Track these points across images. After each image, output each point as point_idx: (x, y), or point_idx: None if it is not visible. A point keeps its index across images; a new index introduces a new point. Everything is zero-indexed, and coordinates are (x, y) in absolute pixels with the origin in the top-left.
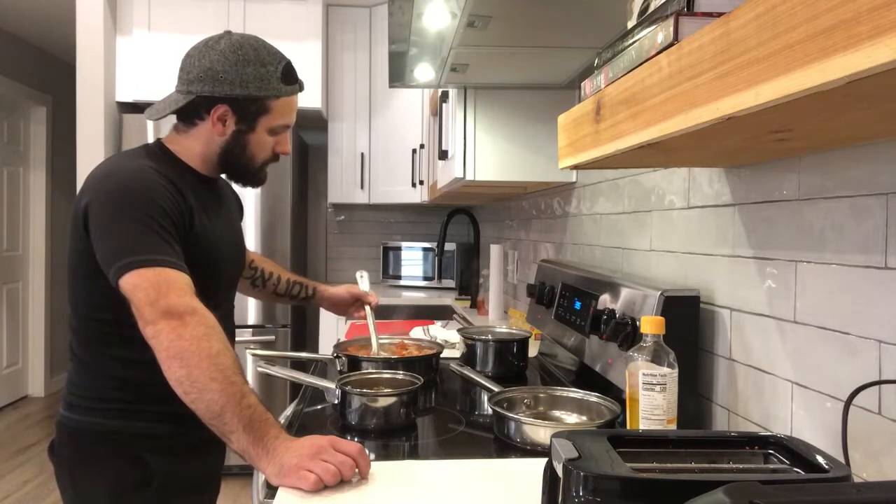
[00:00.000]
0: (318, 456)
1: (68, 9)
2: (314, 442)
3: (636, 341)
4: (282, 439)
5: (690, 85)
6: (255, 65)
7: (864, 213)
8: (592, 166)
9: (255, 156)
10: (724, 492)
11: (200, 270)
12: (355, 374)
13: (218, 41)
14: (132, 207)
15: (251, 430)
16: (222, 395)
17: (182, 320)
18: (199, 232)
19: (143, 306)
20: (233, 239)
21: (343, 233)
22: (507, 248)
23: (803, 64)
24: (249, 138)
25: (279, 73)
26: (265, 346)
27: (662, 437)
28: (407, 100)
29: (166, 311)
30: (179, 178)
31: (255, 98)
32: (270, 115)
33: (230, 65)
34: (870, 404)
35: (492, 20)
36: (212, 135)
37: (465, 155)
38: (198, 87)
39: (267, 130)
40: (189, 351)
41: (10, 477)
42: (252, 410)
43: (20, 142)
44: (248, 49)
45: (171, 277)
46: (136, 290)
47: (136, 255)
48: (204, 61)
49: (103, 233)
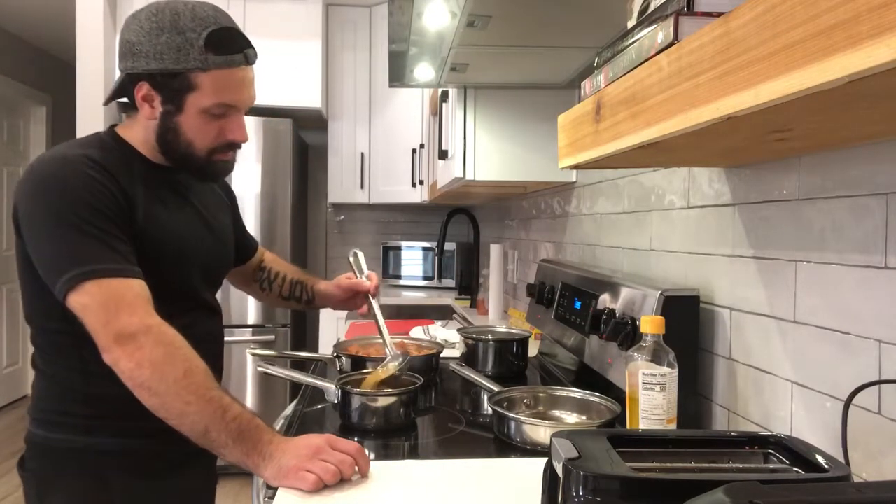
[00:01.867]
0: (316, 456)
1: (68, 9)
2: (311, 442)
3: (636, 341)
4: (276, 442)
5: (690, 85)
6: (169, 32)
7: (863, 213)
8: (592, 166)
9: (192, 142)
10: (723, 492)
11: (156, 268)
12: (355, 374)
13: (143, 9)
14: (61, 209)
15: (242, 441)
16: (202, 416)
17: (136, 344)
18: (147, 225)
19: (95, 331)
20: (205, 233)
21: (343, 233)
22: (507, 248)
23: (803, 64)
24: (179, 121)
25: (201, 41)
26: (265, 346)
27: (662, 436)
28: (407, 100)
29: (118, 335)
30: (124, 167)
31: (172, 72)
32: (199, 92)
33: (144, 34)
34: (870, 404)
35: (492, 20)
36: (145, 118)
37: (465, 155)
38: (122, 63)
39: (200, 111)
40: (153, 379)
41: (10, 476)
42: (239, 422)
43: (20, 142)
44: (165, 14)
45: (118, 292)
46: (85, 311)
47: (78, 266)
48: (126, 34)
49: (37, 241)
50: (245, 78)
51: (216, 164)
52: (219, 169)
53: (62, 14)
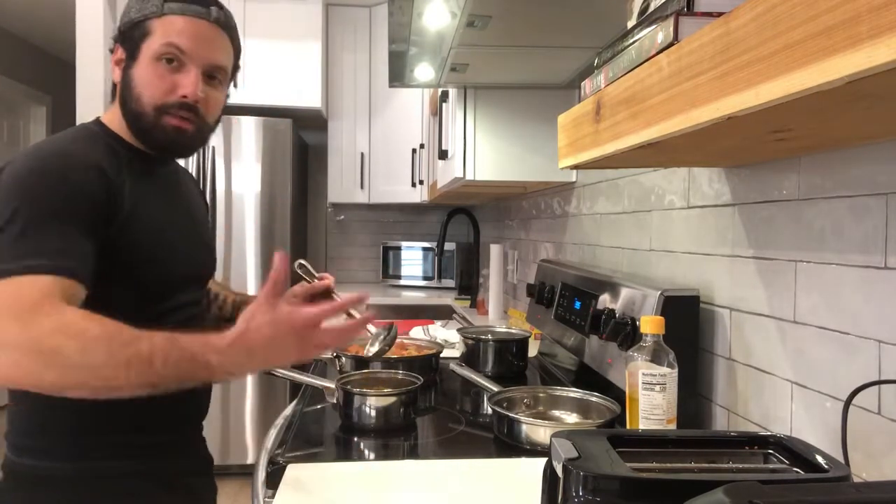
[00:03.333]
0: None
1: (68, 9)
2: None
3: (636, 341)
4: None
5: (690, 85)
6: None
7: (863, 213)
8: (592, 166)
9: (141, 95)
10: (723, 492)
11: (140, 262)
12: (355, 374)
13: None
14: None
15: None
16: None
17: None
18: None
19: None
20: (192, 232)
21: (343, 233)
22: (507, 248)
23: (803, 64)
24: (133, 73)
25: None
26: None
27: (662, 436)
28: (407, 100)
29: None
30: (111, 157)
31: (135, 22)
32: (151, 37)
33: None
34: (869, 404)
35: (492, 20)
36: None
37: (464, 155)
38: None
39: (151, 58)
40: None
41: None
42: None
43: (20, 142)
44: None
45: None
46: None
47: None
48: None
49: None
50: (201, 31)
51: (166, 128)
52: (169, 135)
53: (62, 14)
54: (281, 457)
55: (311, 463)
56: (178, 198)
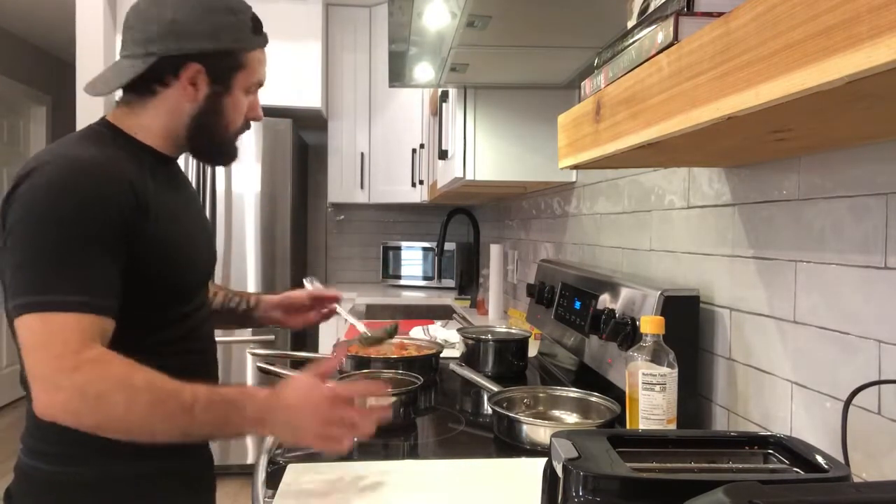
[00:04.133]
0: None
1: (68, 9)
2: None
3: (636, 341)
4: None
5: (690, 85)
6: (224, 13)
7: (863, 213)
8: (592, 166)
9: (230, 123)
10: (723, 492)
11: (167, 275)
12: (355, 374)
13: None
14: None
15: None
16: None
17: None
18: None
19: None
20: (202, 225)
21: (343, 233)
22: (507, 248)
23: (803, 64)
24: (226, 102)
25: (249, 21)
26: (265, 346)
27: (662, 436)
28: (407, 100)
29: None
30: (136, 163)
31: (229, 52)
32: (246, 71)
33: (197, 14)
34: (869, 404)
35: (492, 20)
36: (180, 102)
37: (464, 155)
38: (160, 45)
39: (244, 91)
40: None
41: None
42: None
43: (20, 142)
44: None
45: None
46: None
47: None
48: (165, 12)
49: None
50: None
51: (235, 146)
52: (235, 152)
53: (62, 14)
54: (281, 457)
55: (311, 463)
56: (189, 197)
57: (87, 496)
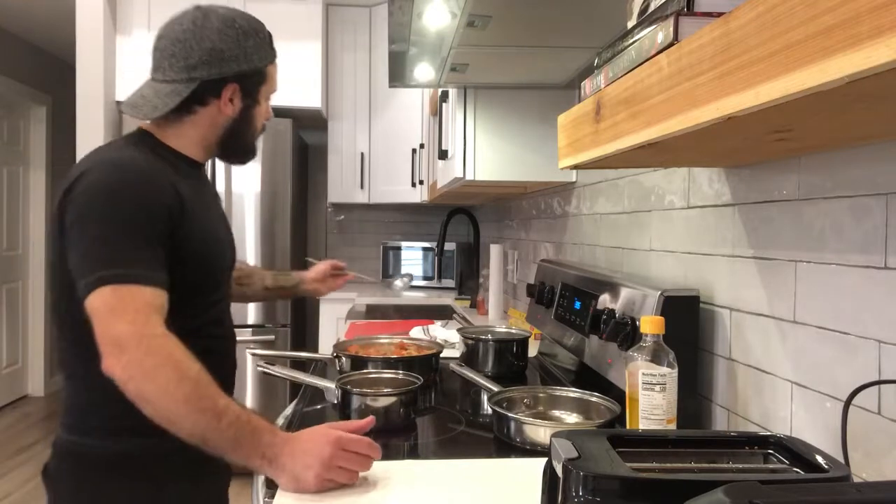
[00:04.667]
0: (332, 463)
1: (68, 9)
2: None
3: (636, 341)
4: (279, 445)
5: (690, 85)
6: (252, 36)
7: (863, 214)
8: (592, 166)
9: (257, 129)
10: (723, 492)
11: (199, 267)
12: (355, 374)
13: (205, 19)
14: (115, 209)
15: (240, 446)
16: (197, 424)
17: (127, 354)
18: (193, 225)
19: (98, 337)
20: (225, 226)
21: (343, 233)
22: (507, 248)
23: (803, 64)
24: (254, 112)
25: (268, 38)
26: (265, 346)
27: (662, 436)
28: (407, 100)
29: (112, 342)
30: (173, 169)
31: (258, 70)
32: (268, 83)
33: (232, 41)
34: (869, 404)
35: (492, 20)
36: (217, 117)
37: (465, 155)
38: (203, 71)
39: (265, 99)
40: (146, 392)
41: (11, 476)
42: (235, 427)
43: (20, 142)
44: (241, 22)
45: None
46: (94, 315)
47: (105, 268)
48: (204, 43)
49: (78, 237)
50: None
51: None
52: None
53: (62, 14)
54: None
55: None
56: (212, 197)
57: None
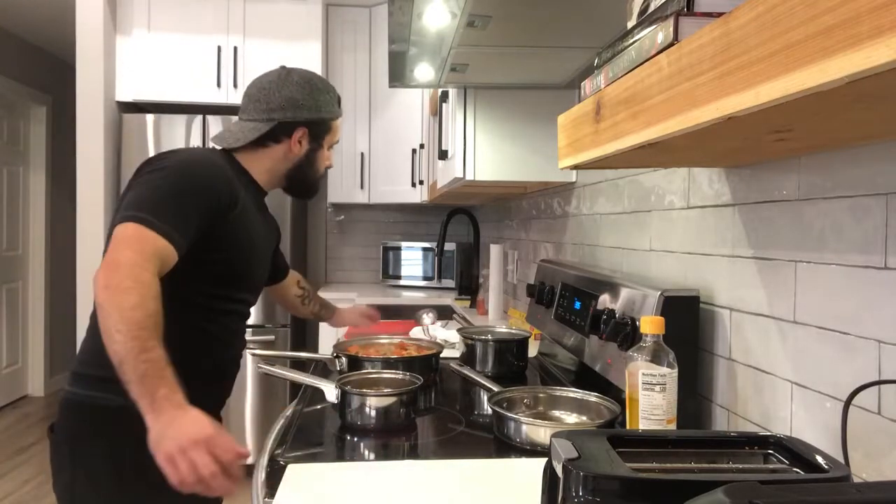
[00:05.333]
0: (193, 449)
1: (68, 9)
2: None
3: (636, 341)
4: (171, 402)
5: (690, 85)
6: (324, 93)
7: (863, 214)
8: (592, 166)
9: (319, 170)
10: (723, 492)
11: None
12: (355, 374)
13: (288, 75)
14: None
15: (142, 384)
16: (123, 347)
17: (116, 271)
18: (238, 224)
19: (106, 255)
20: (266, 250)
21: (343, 233)
22: (507, 248)
23: (803, 64)
24: (318, 155)
25: (336, 97)
26: (265, 346)
27: (662, 437)
28: (407, 100)
29: (112, 261)
30: (236, 178)
31: (325, 120)
32: (332, 133)
33: (307, 94)
34: (869, 404)
35: (492, 20)
36: (287, 154)
37: (465, 155)
38: (279, 114)
39: (328, 148)
40: (108, 301)
41: (10, 477)
42: (148, 365)
43: (20, 142)
44: (316, 80)
45: (144, 237)
46: (113, 240)
47: (144, 211)
48: (284, 92)
49: (142, 182)
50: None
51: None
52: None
53: (62, 14)
54: (281, 457)
55: (311, 463)
56: (265, 224)
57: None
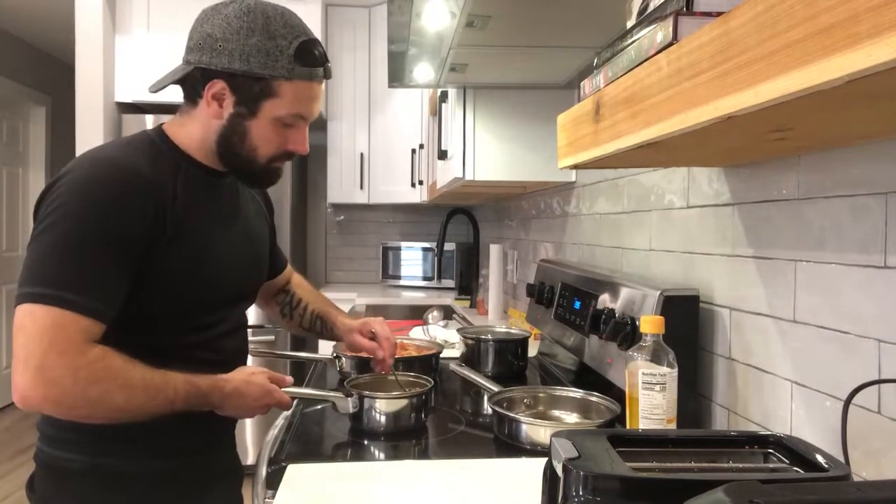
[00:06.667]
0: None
1: (67, 9)
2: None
3: (636, 341)
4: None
5: (690, 84)
6: (261, 35)
7: (863, 213)
8: (592, 166)
9: (256, 148)
10: (723, 491)
11: (183, 278)
12: (361, 378)
13: (228, 4)
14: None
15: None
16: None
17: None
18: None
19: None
20: (244, 246)
21: (343, 233)
22: (507, 248)
23: (803, 63)
24: (250, 125)
25: (291, 49)
26: (265, 347)
27: (662, 436)
28: (406, 100)
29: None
30: (171, 173)
31: (256, 76)
32: (278, 100)
33: (231, 32)
34: (869, 403)
35: (491, 20)
36: (208, 117)
37: (464, 155)
38: (195, 55)
39: (273, 119)
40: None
41: (10, 477)
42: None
43: (20, 142)
44: (257, 16)
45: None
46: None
47: (42, 285)
48: (205, 26)
49: (34, 239)
50: (318, 92)
51: (272, 171)
52: (273, 177)
53: (62, 15)
54: (281, 457)
55: (311, 463)
56: (234, 211)
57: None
